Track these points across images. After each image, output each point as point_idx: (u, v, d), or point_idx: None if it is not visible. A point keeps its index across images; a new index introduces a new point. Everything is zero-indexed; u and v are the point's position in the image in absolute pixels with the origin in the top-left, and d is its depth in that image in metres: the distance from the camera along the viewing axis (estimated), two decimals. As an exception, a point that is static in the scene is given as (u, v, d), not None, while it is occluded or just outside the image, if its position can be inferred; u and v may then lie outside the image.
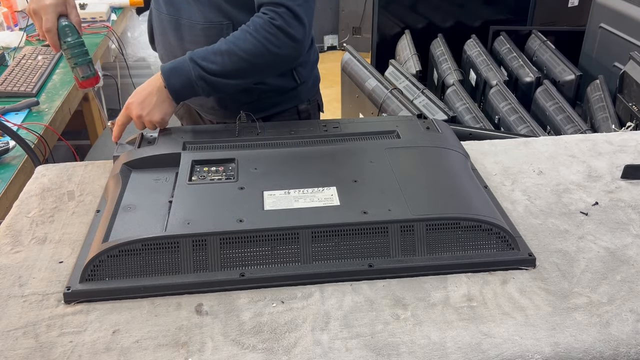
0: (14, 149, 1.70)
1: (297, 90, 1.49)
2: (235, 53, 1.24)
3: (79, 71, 1.26)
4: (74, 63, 1.25)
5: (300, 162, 1.15)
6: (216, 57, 1.24)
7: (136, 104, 1.25)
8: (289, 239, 0.96)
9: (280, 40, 1.25)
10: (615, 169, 1.26)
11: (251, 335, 0.86)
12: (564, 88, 2.78)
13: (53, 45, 1.24)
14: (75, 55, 1.25)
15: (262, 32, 1.24)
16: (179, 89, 1.25)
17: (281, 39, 1.25)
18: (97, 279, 0.93)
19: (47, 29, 1.22)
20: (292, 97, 1.49)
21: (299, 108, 1.52)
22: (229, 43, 1.25)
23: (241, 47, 1.24)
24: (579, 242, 1.05)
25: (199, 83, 1.24)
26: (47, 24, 1.21)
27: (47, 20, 1.21)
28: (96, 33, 2.80)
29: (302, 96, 1.52)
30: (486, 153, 1.34)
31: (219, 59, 1.24)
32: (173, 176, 1.12)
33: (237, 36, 1.26)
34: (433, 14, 3.68)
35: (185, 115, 1.67)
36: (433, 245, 0.98)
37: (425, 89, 2.64)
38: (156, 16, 1.47)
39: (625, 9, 2.76)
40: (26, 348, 0.84)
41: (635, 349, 0.84)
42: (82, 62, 1.26)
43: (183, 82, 1.24)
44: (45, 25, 1.22)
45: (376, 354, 0.82)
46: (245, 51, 1.24)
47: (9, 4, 2.78)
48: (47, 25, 1.22)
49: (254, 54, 1.25)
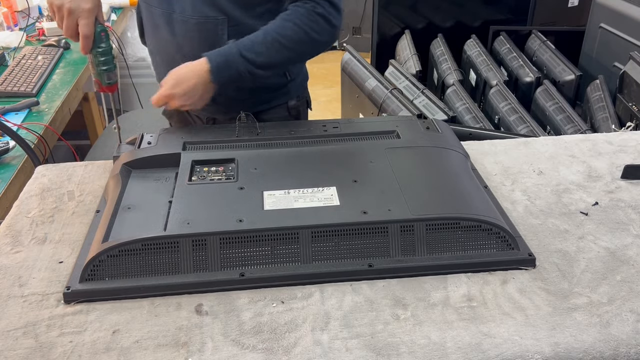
0: (14, 149, 1.70)
1: (287, 87, 1.50)
2: (281, 43, 1.29)
3: (106, 77, 1.25)
4: (103, 69, 1.24)
5: (300, 162, 1.15)
6: (263, 49, 1.28)
7: (180, 96, 1.26)
8: (288, 238, 0.96)
9: (321, 28, 1.31)
10: (615, 169, 1.26)
11: (251, 335, 0.86)
12: (564, 88, 2.77)
13: (85, 49, 1.21)
14: (105, 62, 1.24)
15: (306, 20, 1.29)
16: (225, 82, 1.28)
17: (322, 26, 1.31)
18: (97, 279, 0.93)
19: (86, 34, 1.18)
20: (282, 93, 1.50)
21: (288, 104, 1.53)
22: (273, 33, 1.29)
23: (287, 36, 1.29)
24: (579, 242, 1.05)
25: (246, 76, 1.28)
26: (87, 28, 1.18)
27: (87, 25, 1.18)
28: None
29: (292, 93, 1.53)
30: (486, 153, 1.34)
31: (265, 51, 1.29)
32: (173, 176, 1.12)
33: (280, 26, 1.30)
34: (433, 14, 3.68)
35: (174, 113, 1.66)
36: (433, 245, 0.98)
37: (425, 89, 2.64)
38: (146, 10, 1.45)
39: (625, 9, 2.76)
40: (26, 348, 0.84)
41: (635, 349, 0.84)
42: (112, 69, 1.26)
43: (231, 75, 1.27)
44: (85, 30, 1.18)
45: (376, 354, 0.82)
46: (290, 40, 1.29)
47: (9, 4, 2.78)
48: (87, 31, 1.18)
49: (298, 42, 1.30)
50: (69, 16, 1.17)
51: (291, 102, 1.53)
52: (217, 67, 1.26)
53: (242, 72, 1.28)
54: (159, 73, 1.53)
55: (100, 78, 1.25)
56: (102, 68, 1.24)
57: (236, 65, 1.27)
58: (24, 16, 2.83)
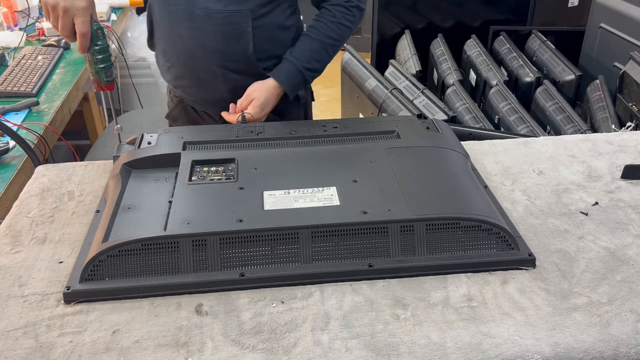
0: (14, 149, 1.70)
1: None
2: (333, 45, 1.46)
3: (104, 75, 1.26)
4: (100, 67, 1.24)
5: (300, 162, 1.15)
6: (322, 55, 1.46)
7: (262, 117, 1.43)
8: (288, 238, 0.96)
9: (356, 17, 1.47)
10: (615, 169, 1.26)
11: (251, 335, 0.86)
12: (564, 88, 2.77)
13: (82, 48, 1.21)
14: (103, 60, 1.24)
15: (347, 16, 1.45)
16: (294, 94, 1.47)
17: (357, 15, 1.47)
18: (97, 279, 0.93)
19: (84, 32, 1.19)
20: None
21: (299, 94, 1.57)
22: (326, 39, 1.45)
23: (335, 37, 1.46)
24: (579, 242, 1.05)
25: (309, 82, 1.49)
26: (83, 26, 1.18)
27: (84, 23, 1.18)
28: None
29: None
30: (486, 153, 1.34)
31: (324, 56, 1.47)
32: (173, 176, 1.12)
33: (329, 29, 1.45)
34: (433, 14, 3.67)
35: (180, 115, 1.67)
36: (433, 245, 0.98)
37: (425, 89, 2.64)
38: (162, 9, 1.45)
39: (625, 9, 2.76)
40: (26, 348, 0.84)
41: (635, 349, 0.84)
42: (109, 66, 1.26)
43: (300, 88, 1.48)
44: (82, 28, 1.18)
45: (376, 354, 0.82)
46: (338, 39, 1.46)
47: (9, 4, 2.78)
48: (84, 29, 1.18)
49: (343, 38, 1.47)
50: (64, 15, 1.17)
51: (301, 92, 1.57)
52: (292, 87, 1.45)
53: (309, 80, 1.47)
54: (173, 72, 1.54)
55: (99, 76, 1.25)
56: (100, 66, 1.24)
57: (304, 78, 1.45)
58: (24, 16, 2.83)
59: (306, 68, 1.44)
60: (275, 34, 1.47)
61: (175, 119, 1.69)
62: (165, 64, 1.55)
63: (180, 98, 1.63)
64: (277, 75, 1.43)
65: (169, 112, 1.70)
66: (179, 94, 1.62)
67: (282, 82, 1.43)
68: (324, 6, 1.47)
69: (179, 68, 1.51)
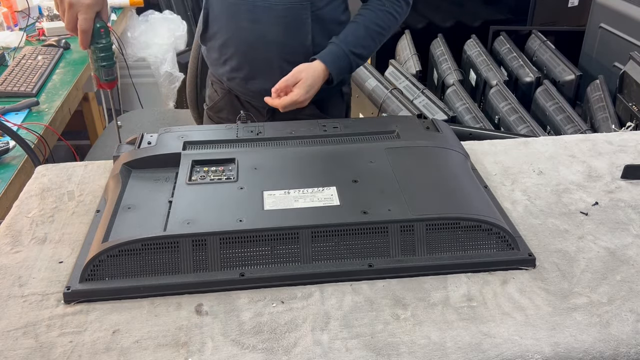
0: (14, 149, 1.70)
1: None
2: (380, 33, 1.47)
3: (104, 73, 1.25)
4: (101, 64, 1.24)
5: (300, 162, 1.15)
6: (368, 42, 1.46)
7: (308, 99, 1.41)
8: (288, 238, 0.96)
9: (403, 9, 1.51)
10: (615, 169, 1.26)
11: (251, 335, 0.86)
12: (564, 88, 2.77)
13: (83, 44, 1.21)
14: (104, 58, 1.24)
15: (397, 7, 1.48)
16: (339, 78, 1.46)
17: (404, 8, 1.52)
18: (97, 279, 0.93)
19: (84, 29, 1.18)
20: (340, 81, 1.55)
21: (342, 91, 1.61)
22: (374, 26, 1.46)
23: (382, 26, 1.47)
24: (579, 242, 1.05)
25: (355, 68, 1.48)
26: (85, 23, 1.18)
27: (86, 20, 1.18)
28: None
29: (345, 79, 1.61)
30: (486, 153, 1.34)
31: (371, 43, 1.47)
32: (173, 176, 1.12)
33: (377, 17, 1.47)
34: (433, 14, 3.67)
35: (226, 106, 1.68)
36: (433, 245, 0.98)
37: (425, 89, 2.64)
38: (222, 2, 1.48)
39: (625, 9, 2.76)
40: (26, 348, 0.84)
41: (635, 349, 0.84)
42: (111, 65, 1.26)
43: (344, 73, 1.46)
44: (83, 24, 1.18)
45: (376, 354, 0.82)
46: (386, 28, 1.48)
47: (9, 4, 2.78)
48: (85, 26, 1.18)
49: (391, 27, 1.49)
50: (69, 9, 1.17)
51: (345, 88, 1.61)
52: (338, 71, 1.43)
53: (354, 66, 1.46)
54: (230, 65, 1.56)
55: (99, 74, 1.25)
56: (101, 64, 1.24)
57: (349, 63, 1.44)
58: (24, 16, 2.83)
59: (352, 52, 1.44)
60: (332, 28, 1.50)
61: (219, 110, 1.71)
62: (221, 57, 1.57)
63: (229, 89, 1.64)
64: (324, 57, 1.43)
65: (214, 104, 1.72)
66: (228, 85, 1.63)
67: (328, 64, 1.42)
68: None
69: (237, 60, 1.54)
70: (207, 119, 1.77)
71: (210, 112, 1.75)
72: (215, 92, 1.71)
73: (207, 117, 1.78)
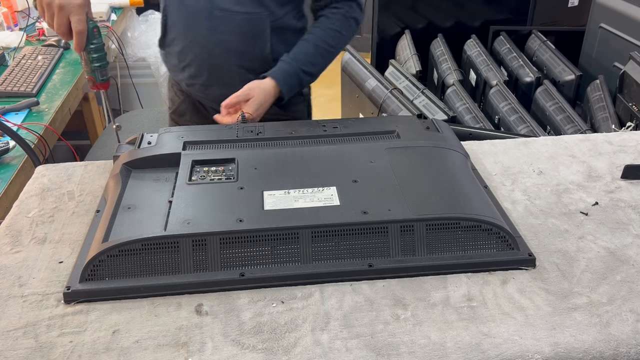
0: (14, 149, 1.70)
1: None
2: (329, 51, 1.48)
3: (99, 73, 1.25)
4: (96, 65, 1.24)
5: (300, 162, 1.15)
6: (318, 59, 1.47)
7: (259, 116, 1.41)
8: (288, 238, 0.96)
9: (352, 28, 1.51)
10: (615, 169, 1.26)
11: (251, 335, 0.86)
12: (564, 88, 2.77)
13: (79, 46, 1.20)
14: (99, 58, 1.24)
15: (344, 25, 1.48)
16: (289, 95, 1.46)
17: (353, 27, 1.51)
18: (97, 279, 0.93)
19: (80, 30, 1.17)
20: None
21: (303, 92, 1.60)
22: (323, 44, 1.47)
23: (332, 44, 1.48)
24: (579, 242, 1.05)
25: (305, 85, 1.49)
26: (80, 25, 1.17)
27: (80, 21, 1.17)
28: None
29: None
30: (486, 153, 1.34)
31: (320, 60, 1.48)
32: (173, 176, 1.12)
33: (326, 35, 1.47)
34: (433, 14, 3.67)
35: (187, 110, 1.67)
36: (433, 245, 0.98)
37: (425, 89, 2.64)
38: (180, 10, 1.48)
39: (625, 9, 2.76)
40: (26, 348, 0.84)
41: (635, 349, 0.84)
42: (105, 65, 1.25)
43: (295, 90, 1.47)
44: (78, 26, 1.17)
45: (376, 354, 0.82)
46: (335, 46, 1.49)
47: (9, 4, 2.78)
48: (80, 27, 1.17)
49: (339, 45, 1.50)
50: (59, 12, 1.16)
51: (304, 89, 1.61)
52: (289, 88, 1.44)
53: (304, 84, 1.48)
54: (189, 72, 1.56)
55: (94, 75, 1.25)
56: (96, 65, 1.24)
57: (300, 80, 1.46)
58: (24, 16, 2.83)
59: (303, 70, 1.45)
60: (289, 35, 1.51)
61: (181, 115, 1.70)
62: (180, 64, 1.57)
63: (188, 94, 1.63)
64: (275, 75, 1.44)
65: (175, 108, 1.71)
66: (187, 90, 1.63)
67: (279, 82, 1.43)
68: (323, 14, 1.50)
69: (196, 67, 1.53)
70: (171, 122, 1.76)
71: (173, 116, 1.74)
72: (176, 95, 1.71)
73: (170, 121, 1.77)
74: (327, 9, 1.49)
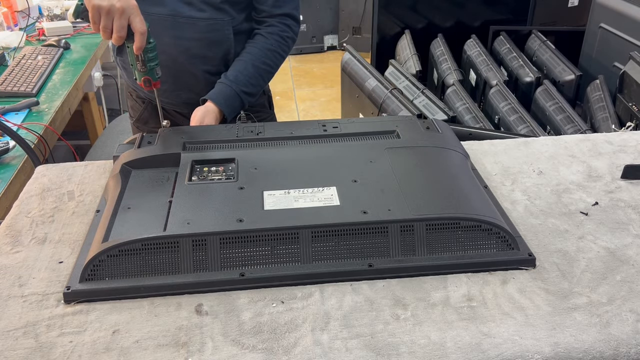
0: (14, 149, 1.70)
1: None
2: (267, 70, 1.52)
3: (157, 71, 1.25)
4: (154, 64, 1.24)
5: (300, 162, 1.15)
6: (257, 80, 1.50)
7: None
8: (288, 238, 0.96)
9: (290, 47, 1.55)
10: (615, 169, 1.26)
11: (251, 335, 0.86)
12: (564, 88, 2.78)
13: (141, 47, 1.19)
14: (156, 57, 1.24)
15: (284, 46, 1.53)
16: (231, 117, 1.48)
17: (291, 45, 1.55)
18: (97, 279, 0.93)
19: (144, 30, 1.17)
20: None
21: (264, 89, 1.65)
22: (261, 65, 1.50)
23: (270, 64, 1.52)
24: (579, 242, 1.05)
25: (246, 104, 1.50)
26: (142, 25, 1.17)
27: (142, 22, 1.17)
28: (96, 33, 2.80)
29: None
30: (486, 153, 1.35)
31: (260, 81, 1.51)
32: (173, 176, 1.12)
33: (264, 56, 1.51)
34: (433, 14, 3.68)
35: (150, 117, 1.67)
36: (433, 245, 0.98)
37: (425, 89, 2.64)
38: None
39: (625, 9, 2.77)
40: (26, 348, 0.84)
41: (635, 349, 0.84)
42: (158, 63, 1.26)
43: (237, 111, 1.48)
44: (141, 26, 1.17)
45: (376, 354, 0.82)
46: (273, 65, 1.53)
47: (9, 4, 2.78)
48: (143, 27, 1.17)
49: (277, 64, 1.54)
50: (121, 16, 1.15)
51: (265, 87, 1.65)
52: (231, 110, 1.46)
53: (245, 104, 1.49)
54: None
55: (151, 74, 1.24)
56: (154, 63, 1.24)
57: (240, 101, 1.48)
58: (24, 16, 2.83)
59: (243, 92, 1.48)
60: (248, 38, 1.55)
61: (145, 122, 1.69)
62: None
63: (149, 100, 1.64)
64: (217, 99, 1.45)
65: (138, 116, 1.70)
66: (148, 97, 1.63)
67: (222, 106, 1.45)
68: (260, 33, 1.52)
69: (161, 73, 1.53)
70: (136, 130, 1.74)
71: (137, 124, 1.73)
72: (136, 102, 1.71)
73: (135, 129, 1.75)
74: (264, 28, 1.52)
